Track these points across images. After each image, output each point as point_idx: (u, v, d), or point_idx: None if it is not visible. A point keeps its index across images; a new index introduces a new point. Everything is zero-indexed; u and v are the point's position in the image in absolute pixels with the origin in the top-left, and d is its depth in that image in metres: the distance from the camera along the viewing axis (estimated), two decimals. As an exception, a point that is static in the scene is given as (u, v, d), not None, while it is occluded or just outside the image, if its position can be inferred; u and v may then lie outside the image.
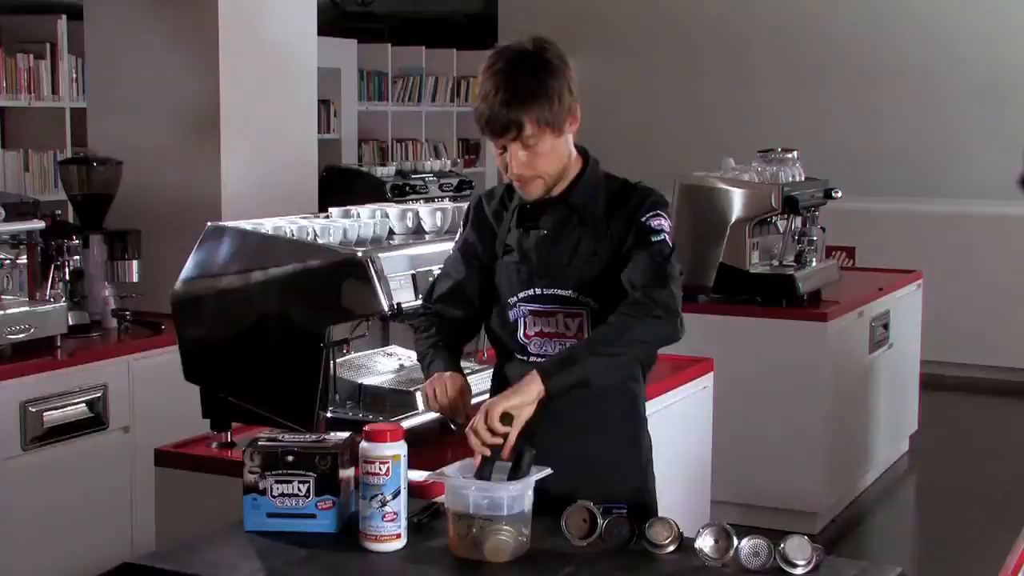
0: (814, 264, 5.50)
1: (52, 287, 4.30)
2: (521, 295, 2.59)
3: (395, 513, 2.31)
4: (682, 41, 9.73)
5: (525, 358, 2.60)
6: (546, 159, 2.50)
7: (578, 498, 2.39)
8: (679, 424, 3.91)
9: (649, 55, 9.85)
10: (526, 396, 2.38)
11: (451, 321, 2.69)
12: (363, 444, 2.34)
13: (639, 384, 2.68)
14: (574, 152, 2.60)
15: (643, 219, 2.53)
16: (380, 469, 2.30)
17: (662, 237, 2.52)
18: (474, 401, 2.57)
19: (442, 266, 2.78)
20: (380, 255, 2.89)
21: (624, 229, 2.54)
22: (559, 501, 2.39)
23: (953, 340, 7.81)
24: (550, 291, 2.57)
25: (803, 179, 5.60)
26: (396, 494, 2.31)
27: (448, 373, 2.57)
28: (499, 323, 2.64)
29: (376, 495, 2.30)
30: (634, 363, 2.59)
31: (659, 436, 3.64)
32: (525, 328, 2.60)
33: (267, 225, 3.11)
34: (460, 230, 2.76)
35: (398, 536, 2.33)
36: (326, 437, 2.51)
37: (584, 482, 2.51)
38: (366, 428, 2.35)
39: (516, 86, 2.45)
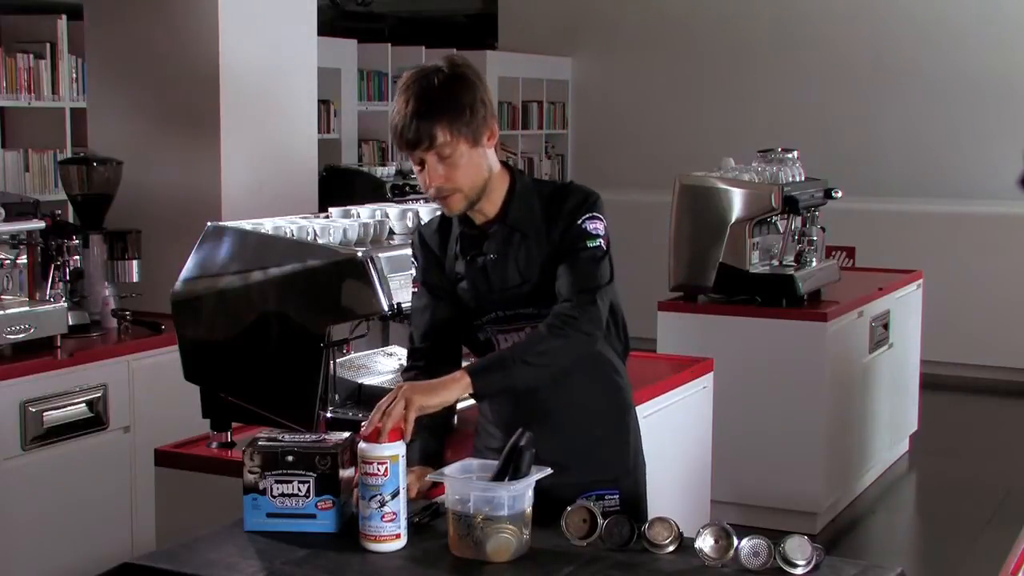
0: (814, 264, 5.49)
1: (52, 287, 4.30)
2: (484, 319, 2.62)
3: (394, 513, 2.32)
4: (682, 41, 9.73)
5: None
6: (463, 172, 2.49)
7: (573, 488, 2.42)
8: (679, 424, 3.91)
9: (649, 55, 9.85)
10: (448, 397, 2.43)
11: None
12: (362, 445, 2.34)
13: (620, 376, 2.72)
14: (497, 166, 2.58)
15: (580, 221, 2.55)
16: (379, 470, 2.30)
17: (598, 243, 2.55)
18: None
19: (411, 308, 2.77)
20: (380, 255, 2.89)
21: (562, 230, 2.55)
22: (549, 489, 2.39)
23: (953, 340, 7.82)
24: (511, 311, 2.59)
25: (803, 179, 5.60)
26: (395, 494, 2.31)
27: (415, 470, 2.53)
28: (473, 338, 2.67)
29: (375, 495, 2.30)
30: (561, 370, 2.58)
31: (659, 436, 3.65)
32: (498, 345, 2.63)
33: (267, 225, 3.11)
34: (413, 265, 2.74)
35: (398, 536, 2.33)
36: (326, 437, 2.51)
37: (578, 471, 2.53)
38: (364, 432, 2.35)
39: (428, 98, 2.44)
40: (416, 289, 2.72)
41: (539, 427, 2.45)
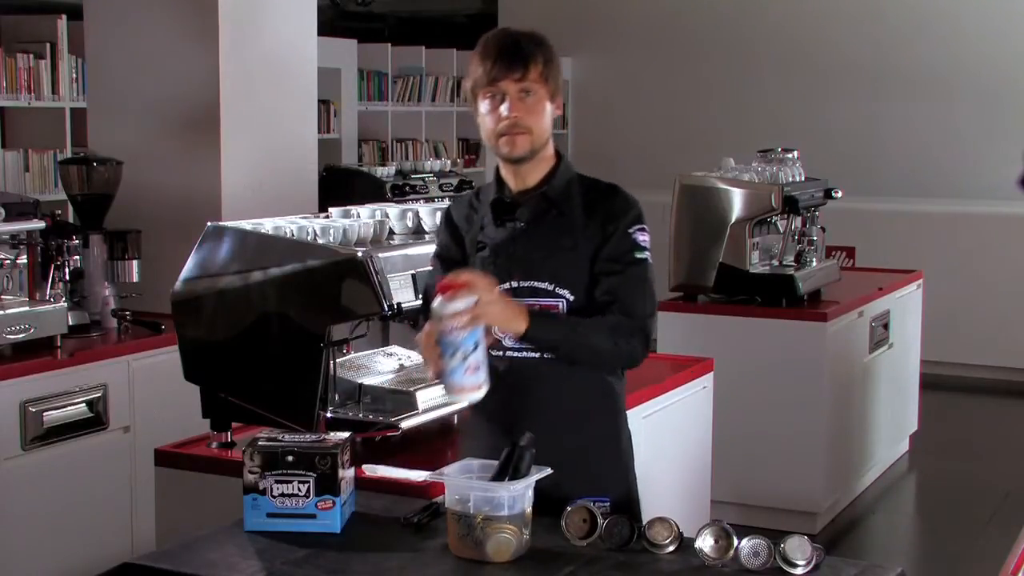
0: (814, 264, 5.50)
1: (52, 287, 4.30)
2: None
3: (478, 364, 2.34)
4: (682, 41, 9.73)
5: (500, 353, 2.58)
6: (537, 117, 2.54)
7: (563, 491, 2.41)
8: (679, 424, 3.91)
9: (649, 55, 9.86)
10: (512, 326, 2.44)
11: None
12: (437, 303, 2.33)
13: (617, 379, 2.71)
14: (551, 140, 2.63)
15: (631, 231, 2.59)
16: (459, 323, 2.31)
17: (646, 255, 2.62)
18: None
19: (424, 284, 2.78)
20: (380, 255, 2.89)
21: (605, 231, 2.58)
22: (545, 495, 2.38)
23: (953, 340, 7.82)
24: (527, 283, 2.58)
25: (803, 179, 5.60)
26: (476, 345, 2.34)
27: None
28: None
29: (456, 350, 2.32)
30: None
31: (659, 436, 3.65)
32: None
33: (267, 225, 3.11)
34: (437, 241, 2.77)
35: (480, 387, 2.36)
36: (326, 437, 2.51)
37: (568, 474, 2.51)
38: (440, 284, 2.36)
39: (524, 39, 2.54)
40: (432, 266, 2.74)
41: (531, 426, 2.44)
